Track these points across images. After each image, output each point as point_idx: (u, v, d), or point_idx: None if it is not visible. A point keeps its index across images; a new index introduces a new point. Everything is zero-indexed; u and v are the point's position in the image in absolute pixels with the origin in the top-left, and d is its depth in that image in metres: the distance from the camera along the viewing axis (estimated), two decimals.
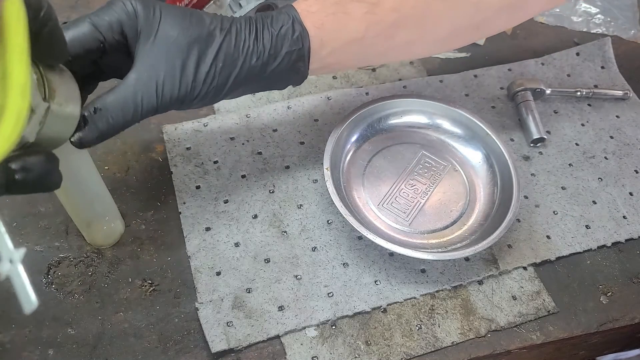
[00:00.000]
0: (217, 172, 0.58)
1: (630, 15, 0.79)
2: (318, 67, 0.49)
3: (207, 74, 0.43)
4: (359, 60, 0.53)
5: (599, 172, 0.63)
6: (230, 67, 0.44)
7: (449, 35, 0.53)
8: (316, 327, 0.50)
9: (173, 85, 0.42)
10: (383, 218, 0.56)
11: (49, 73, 0.34)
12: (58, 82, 0.35)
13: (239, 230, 0.55)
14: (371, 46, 0.49)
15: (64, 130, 0.37)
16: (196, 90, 0.43)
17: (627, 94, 0.69)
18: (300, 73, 0.48)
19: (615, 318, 0.54)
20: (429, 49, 0.55)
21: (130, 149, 0.59)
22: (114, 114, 0.40)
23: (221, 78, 0.44)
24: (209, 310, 0.50)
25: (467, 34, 0.54)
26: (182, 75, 0.42)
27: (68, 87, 0.36)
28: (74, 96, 0.37)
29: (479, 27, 0.53)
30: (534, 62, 0.72)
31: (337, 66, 0.51)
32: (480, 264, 0.55)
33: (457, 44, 0.56)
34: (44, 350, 0.47)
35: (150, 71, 0.41)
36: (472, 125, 0.61)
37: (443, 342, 0.50)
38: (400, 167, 0.60)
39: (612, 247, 0.58)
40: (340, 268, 0.54)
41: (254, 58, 0.45)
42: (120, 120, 0.41)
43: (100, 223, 0.51)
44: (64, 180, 0.35)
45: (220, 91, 0.44)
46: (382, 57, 0.54)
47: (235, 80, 0.45)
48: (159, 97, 0.41)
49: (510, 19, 0.56)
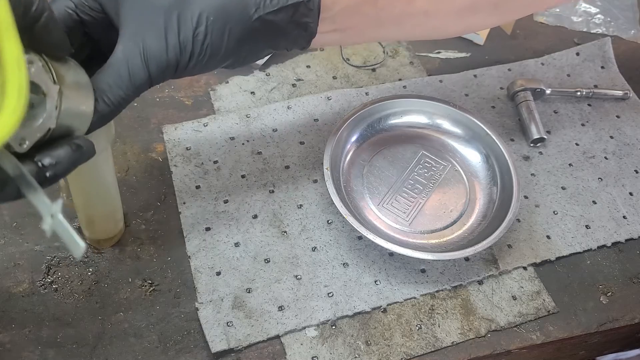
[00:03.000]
0: (217, 172, 0.58)
1: (630, 15, 0.79)
2: (328, 30, 0.45)
3: (195, 29, 0.39)
4: (373, 27, 0.48)
5: (599, 172, 0.63)
6: (224, 20, 0.40)
7: (466, 9, 0.50)
8: (316, 327, 0.50)
9: (160, 48, 0.38)
10: (383, 218, 0.56)
11: (54, 63, 0.34)
12: (65, 69, 0.35)
13: (239, 230, 0.55)
14: (386, 9, 0.46)
15: (82, 113, 0.37)
16: (187, 48, 0.39)
17: (627, 94, 0.69)
18: (308, 30, 0.44)
19: (615, 318, 0.54)
20: (445, 24, 0.52)
21: (130, 149, 0.59)
22: (109, 93, 0.38)
23: (215, 34, 0.40)
24: (209, 310, 0.50)
25: (485, 9, 0.51)
26: (167, 35, 0.38)
27: (76, 72, 0.36)
28: (84, 80, 0.37)
29: (497, 6, 0.51)
30: (534, 62, 0.72)
31: (349, 32, 0.47)
32: (480, 264, 0.55)
33: (473, 23, 0.53)
34: (44, 350, 0.47)
35: (135, 38, 0.38)
36: (472, 125, 0.61)
37: (443, 342, 0.50)
38: (400, 167, 0.60)
39: (612, 247, 0.58)
40: (340, 268, 0.54)
41: (252, 8, 0.40)
42: (118, 97, 0.38)
43: (105, 220, 0.51)
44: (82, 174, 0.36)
45: (219, 49, 0.40)
46: (397, 26, 0.50)
47: (232, 35, 0.40)
48: (148, 63, 0.38)
49: (529, 2, 0.53)
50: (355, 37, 0.51)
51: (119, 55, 0.39)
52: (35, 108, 0.33)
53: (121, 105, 0.39)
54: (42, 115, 0.33)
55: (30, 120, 0.32)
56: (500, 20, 0.54)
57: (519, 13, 0.54)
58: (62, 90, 0.34)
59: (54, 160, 0.33)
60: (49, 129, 0.33)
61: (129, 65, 0.38)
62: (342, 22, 0.46)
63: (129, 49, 0.38)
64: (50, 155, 0.33)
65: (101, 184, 0.48)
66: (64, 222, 0.31)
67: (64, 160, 0.34)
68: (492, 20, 0.54)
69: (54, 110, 0.33)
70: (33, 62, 0.32)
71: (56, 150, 0.34)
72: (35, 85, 0.32)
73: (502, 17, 0.53)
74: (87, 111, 0.37)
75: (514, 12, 0.54)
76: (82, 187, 0.48)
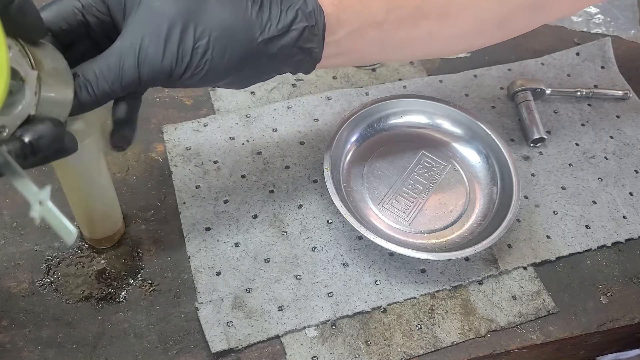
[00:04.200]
0: (217, 172, 0.58)
1: (630, 15, 0.79)
2: (333, 53, 0.45)
3: (196, 42, 0.39)
4: (377, 50, 0.49)
5: (599, 172, 0.63)
6: (227, 38, 0.39)
7: (470, 31, 0.50)
8: (316, 327, 0.50)
9: (156, 52, 0.38)
10: (383, 218, 0.56)
11: (31, 47, 0.34)
12: (42, 54, 0.35)
13: (239, 230, 0.55)
14: (391, 33, 0.46)
15: (61, 99, 0.36)
16: (185, 59, 0.39)
17: (627, 94, 0.69)
18: (313, 55, 0.44)
19: (615, 318, 0.54)
20: (448, 44, 0.52)
21: (130, 149, 0.59)
22: (94, 83, 0.38)
23: (216, 50, 0.39)
24: (209, 310, 0.50)
25: (488, 31, 0.52)
26: (167, 41, 0.38)
27: (54, 58, 0.36)
28: (62, 65, 0.36)
29: (500, 25, 0.51)
30: (534, 62, 0.72)
31: (353, 55, 0.47)
32: (480, 264, 0.55)
33: (476, 42, 0.54)
34: (44, 350, 0.47)
35: (134, 37, 0.38)
36: (472, 125, 0.61)
37: (443, 342, 0.50)
38: (400, 167, 0.60)
39: (612, 247, 0.58)
40: (340, 268, 0.54)
41: (257, 31, 0.41)
42: (102, 90, 0.38)
43: (103, 221, 0.51)
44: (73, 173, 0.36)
45: (218, 66, 0.40)
46: (401, 49, 0.50)
47: (233, 54, 0.40)
48: (140, 64, 0.38)
49: (532, 19, 0.54)
50: (359, 60, 0.51)
51: (113, 49, 0.38)
52: (14, 95, 0.32)
53: (103, 99, 0.39)
54: (22, 102, 0.32)
55: (10, 108, 0.32)
56: (503, 38, 0.54)
57: (521, 31, 0.55)
58: (41, 75, 0.33)
59: (37, 134, 0.33)
60: (28, 115, 0.33)
61: (121, 61, 0.38)
62: (346, 45, 0.46)
63: (125, 46, 0.38)
64: (32, 130, 0.33)
65: (91, 176, 0.47)
66: (54, 208, 0.31)
67: (46, 134, 0.34)
68: (494, 40, 0.54)
69: (33, 97, 0.33)
70: (10, 47, 0.31)
71: (37, 125, 0.34)
72: (13, 71, 0.31)
73: (504, 36, 0.54)
74: (66, 97, 0.36)
75: (516, 31, 0.54)
76: (71, 179, 0.47)
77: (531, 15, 0.52)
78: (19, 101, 0.32)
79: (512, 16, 0.51)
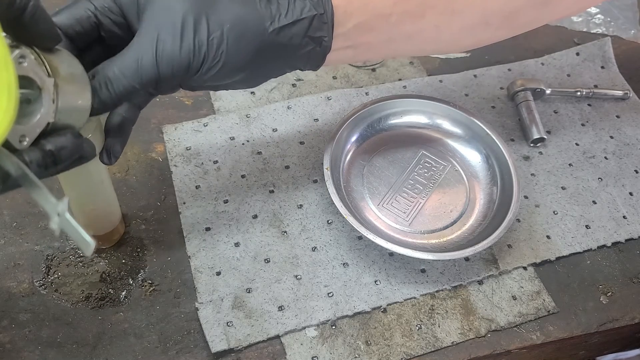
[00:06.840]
0: (217, 172, 0.58)
1: (630, 15, 0.79)
2: (342, 47, 0.46)
3: (210, 33, 0.40)
4: (385, 43, 0.49)
5: (599, 172, 0.63)
6: (240, 29, 0.40)
7: (477, 24, 0.51)
8: (316, 327, 0.50)
9: (174, 45, 0.39)
10: (383, 218, 0.56)
11: (46, 55, 0.34)
12: (58, 60, 0.35)
13: (239, 230, 0.55)
14: (398, 25, 0.47)
15: (79, 106, 0.36)
16: (202, 51, 0.40)
17: (627, 94, 0.69)
18: (323, 44, 0.45)
19: (615, 318, 0.54)
20: (456, 38, 0.52)
21: (130, 149, 0.59)
22: (114, 80, 0.38)
23: (231, 41, 0.40)
24: (209, 310, 0.50)
25: (495, 24, 0.52)
26: (182, 34, 0.39)
27: (70, 64, 0.36)
28: (79, 71, 0.37)
29: (507, 18, 0.51)
30: (534, 62, 0.72)
31: (362, 48, 0.48)
32: (480, 264, 0.55)
33: (484, 36, 0.54)
34: (44, 350, 0.47)
35: (151, 33, 0.39)
36: (472, 125, 0.61)
37: (443, 342, 0.50)
38: (400, 167, 0.60)
39: (612, 247, 0.58)
40: (340, 268, 0.54)
41: (267, 21, 0.41)
42: (122, 86, 0.39)
43: (103, 220, 0.51)
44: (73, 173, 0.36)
45: (233, 57, 0.41)
46: (409, 42, 0.51)
47: (247, 45, 0.41)
48: (159, 59, 0.39)
49: (539, 14, 0.54)
50: (368, 53, 0.51)
51: (131, 47, 0.39)
52: (32, 104, 0.32)
53: (123, 97, 0.39)
54: (40, 111, 0.32)
55: (29, 117, 0.32)
56: (510, 33, 0.54)
57: (527, 26, 0.55)
58: (58, 82, 0.33)
59: (59, 145, 0.34)
60: (47, 123, 0.33)
61: (139, 57, 0.39)
62: (355, 38, 0.46)
63: (142, 42, 0.39)
64: (55, 142, 0.34)
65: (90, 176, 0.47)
66: (71, 220, 0.31)
67: (68, 146, 0.34)
68: (501, 34, 0.54)
69: (51, 104, 0.33)
70: (25, 57, 0.31)
71: (59, 137, 0.34)
72: (29, 80, 0.32)
73: (511, 31, 0.54)
74: (84, 102, 0.37)
75: (522, 25, 0.54)
76: (71, 178, 0.46)
77: (538, 10, 0.52)
78: (37, 110, 0.32)
79: (519, 10, 0.51)
